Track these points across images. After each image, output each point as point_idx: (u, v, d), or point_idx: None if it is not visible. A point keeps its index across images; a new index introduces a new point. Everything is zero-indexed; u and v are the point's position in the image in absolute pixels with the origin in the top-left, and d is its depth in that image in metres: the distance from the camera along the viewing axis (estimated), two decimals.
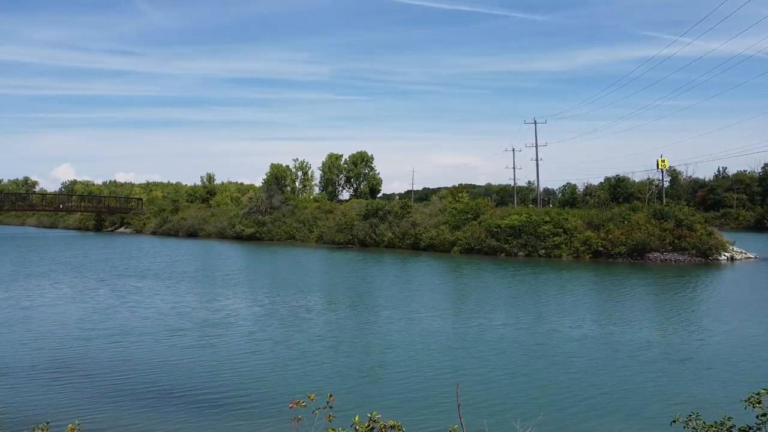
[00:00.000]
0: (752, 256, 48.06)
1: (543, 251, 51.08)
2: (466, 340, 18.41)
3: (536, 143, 61.74)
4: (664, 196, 55.22)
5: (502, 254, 52.21)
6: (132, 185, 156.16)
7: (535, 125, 62.81)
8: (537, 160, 61.55)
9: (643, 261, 46.92)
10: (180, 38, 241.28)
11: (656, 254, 47.39)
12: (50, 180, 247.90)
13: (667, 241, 47.45)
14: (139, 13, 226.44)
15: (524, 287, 31.00)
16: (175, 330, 20.00)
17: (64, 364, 15.89)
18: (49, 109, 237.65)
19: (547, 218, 52.36)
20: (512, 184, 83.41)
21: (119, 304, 24.88)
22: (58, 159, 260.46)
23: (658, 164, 52.56)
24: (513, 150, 69.96)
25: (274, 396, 13.21)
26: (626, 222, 49.49)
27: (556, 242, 50.69)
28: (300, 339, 18.68)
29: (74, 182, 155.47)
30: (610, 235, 48.87)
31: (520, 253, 51.86)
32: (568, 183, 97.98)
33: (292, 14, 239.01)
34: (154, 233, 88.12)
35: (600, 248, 48.81)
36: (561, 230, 51.24)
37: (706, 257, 46.55)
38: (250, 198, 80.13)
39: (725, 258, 46.71)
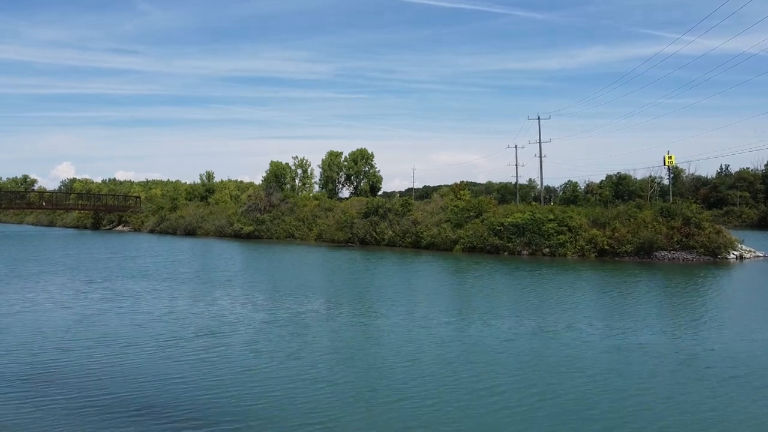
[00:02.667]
0: (761, 254, 46.29)
1: (547, 250, 49.22)
2: (491, 352, 16.42)
3: (540, 139, 59.77)
4: (671, 193, 53.28)
5: (506, 253, 50.32)
6: (131, 183, 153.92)
7: (539, 121, 60.81)
8: (540, 156, 59.57)
9: (650, 260, 45.09)
10: (180, 37, 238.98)
11: (664, 253, 45.55)
12: (50, 178, 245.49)
13: (675, 239, 45.63)
14: (140, 12, 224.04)
15: (538, 288, 29.06)
16: (167, 339, 18.00)
17: (35, 378, 13.91)
18: (50, 108, 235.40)
19: (552, 216, 50.51)
20: (512, 182, 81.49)
21: (109, 309, 22.85)
22: (58, 157, 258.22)
23: (665, 160, 50.65)
24: (516, 147, 67.90)
25: (273, 420, 11.29)
26: (632, 220, 47.65)
27: (561, 241, 48.82)
28: (304, 352, 16.71)
29: (73, 180, 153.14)
30: (616, 234, 47.02)
31: (524, 252, 49.99)
32: (569, 181, 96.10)
33: (293, 13, 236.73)
34: (152, 231, 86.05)
35: (606, 247, 46.95)
36: (566, 228, 49.37)
37: (715, 256, 44.76)
38: (249, 196, 78.14)
39: (734, 257, 44.93)
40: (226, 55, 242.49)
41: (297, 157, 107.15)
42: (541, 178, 62.18)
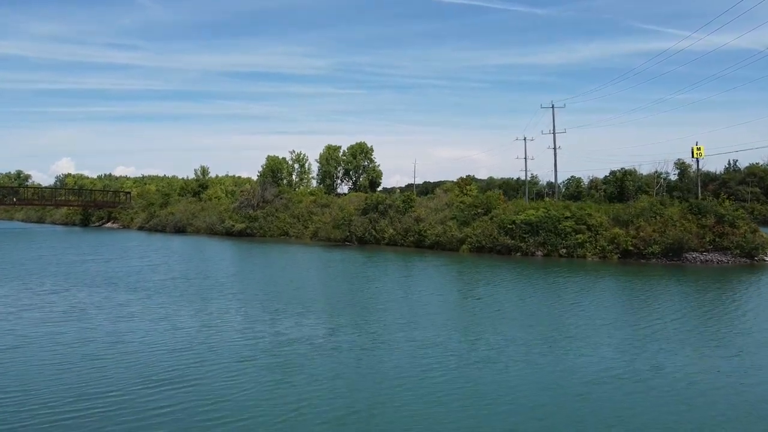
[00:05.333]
0: None
1: (564, 251, 43.61)
2: (548, 390, 10.83)
3: (554, 129, 53.81)
4: (699, 188, 47.65)
5: (518, 254, 44.72)
6: (126, 179, 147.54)
7: (553, 109, 54.98)
8: (555, 148, 53.63)
9: (680, 262, 39.57)
10: (179, 32, 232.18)
11: (695, 254, 40.02)
12: (50, 174, 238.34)
13: (707, 239, 40.11)
14: (139, 6, 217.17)
15: (586, 304, 23.44)
16: (94, 393, 12.19)
17: None
18: (50, 104, 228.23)
19: (568, 213, 44.86)
20: (515, 178, 75.81)
21: (36, 338, 16.97)
22: (58, 153, 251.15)
23: (692, 152, 45.04)
24: (525, 139, 62.16)
25: None
26: (658, 218, 42.07)
27: (579, 240, 43.19)
28: (296, 414, 11.07)
29: (67, 176, 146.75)
30: (641, 233, 41.42)
31: (538, 253, 44.37)
32: (572, 176, 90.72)
33: (292, 8, 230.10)
34: (141, 228, 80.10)
35: (630, 248, 41.34)
36: (584, 227, 43.75)
37: (752, 258, 39.32)
38: (242, 191, 72.28)
39: None
40: (224, 50, 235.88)
41: (294, 151, 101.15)
42: (555, 171, 56.55)
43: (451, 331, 17.95)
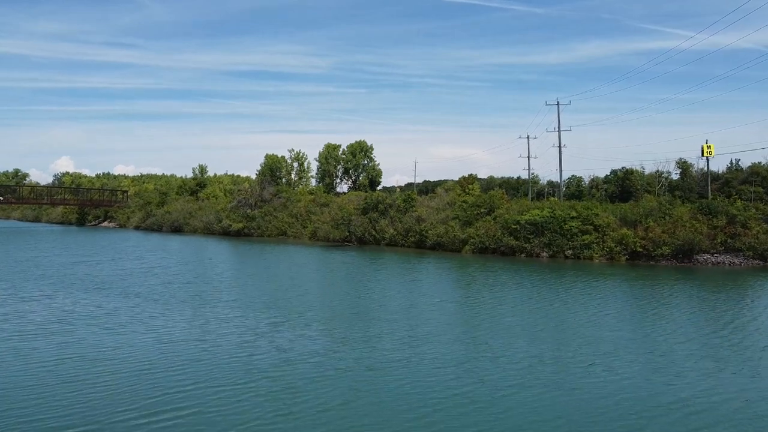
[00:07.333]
0: None
1: (570, 252, 41.95)
2: (594, 422, 9.08)
3: (559, 127, 52.08)
4: (709, 187, 45.96)
5: (522, 255, 43.05)
6: (124, 177, 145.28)
7: (558, 107, 53.20)
8: (560, 146, 51.84)
9: (690, 264, 37.97)
10: (179, 31, 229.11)
11: (706, 256, 38.42)
12: (49, 173, 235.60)
13: (719, 240, 38.50)
14: (139, 5, 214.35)
15: (593, 306, 21.73)
16: (80, 417, 10.40)
17: None
18: (49, 102, 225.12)
19: (574, 213, 43.15)
20: (516, 177, 73.99)
21: (24, 350, 15.15)
22: (58, 152, 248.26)
23: (702, 151, 43.38)
24: (528, 137, 60.39)
25: None
26: (667, 218, 40.43)
27: (586, 241, 41.51)
28: None
29: (65, 174, 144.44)
30: (650, 234, 39.76)
31: (544, 254, 42.70)
32: (573, 175, 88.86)
33: (292, 7, 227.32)
34: (137, 228, 78.11)
35: (639, 249, 39.68)
36: (591, 227, 42.07)
37: (764, 259, 37.75)
38: (239, 190, 70.37)
39: None
40: (224, 49, 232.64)
41: (293, 149, 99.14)
42: (560, 169, 54.51)
43: (470, 346, 16.16)
